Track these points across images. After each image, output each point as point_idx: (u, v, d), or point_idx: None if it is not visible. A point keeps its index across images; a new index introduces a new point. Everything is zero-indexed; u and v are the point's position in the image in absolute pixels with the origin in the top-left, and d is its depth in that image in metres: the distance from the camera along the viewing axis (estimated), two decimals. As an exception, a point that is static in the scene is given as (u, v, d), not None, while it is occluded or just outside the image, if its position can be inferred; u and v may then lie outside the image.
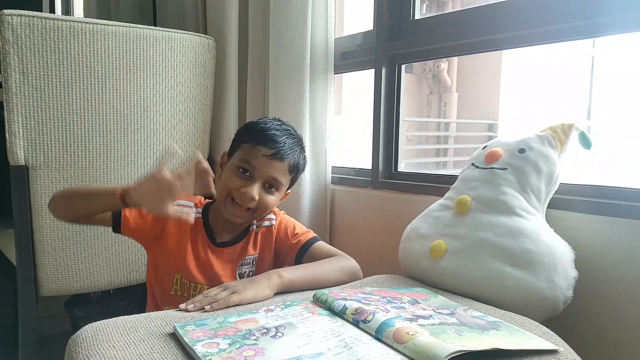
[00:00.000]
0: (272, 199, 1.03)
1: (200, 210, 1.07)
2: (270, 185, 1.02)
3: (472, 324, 0.73)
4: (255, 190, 0.99)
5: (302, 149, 1.08)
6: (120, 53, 1.30)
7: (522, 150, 0.98)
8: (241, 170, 1.00)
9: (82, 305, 1.59)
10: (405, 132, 1.46)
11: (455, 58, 3.91)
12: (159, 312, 0.80)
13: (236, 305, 0.83)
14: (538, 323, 0.79)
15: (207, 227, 1.06)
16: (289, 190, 1.11)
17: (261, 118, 1.10)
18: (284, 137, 1.02)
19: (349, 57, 1.56)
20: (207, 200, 1.11)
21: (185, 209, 1.00)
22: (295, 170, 1.06)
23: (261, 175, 1.00)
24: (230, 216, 1.02)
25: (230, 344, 0.66)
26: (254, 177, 1.00)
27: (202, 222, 1.06)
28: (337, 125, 1.56)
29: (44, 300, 1.35)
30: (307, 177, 1.51)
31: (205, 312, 0.80)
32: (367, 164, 1.52)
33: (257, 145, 1.00)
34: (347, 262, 1.04)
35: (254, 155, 0.99)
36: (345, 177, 1.59)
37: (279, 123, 1.06)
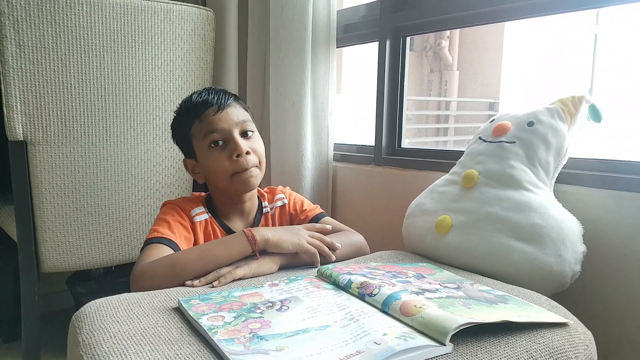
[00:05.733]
0: (258, 142, 1.00)
1: (207, 210, 1.02)
2: (245, 132, 0.98)
3: (480, 297, 0.72)
4: (241, 145, 0.94)
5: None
6: (118, 25, 1.27)
7: (530, 123, 0.96)
8: (213, 145, 0.96)
9: (84, 282, 1.59)
10: (405, 111, 1.44)
11: (457, 35, 3.86)
12: (163, 289, 0.80)
13: (241, 278, 0.83)
14: (547, 297, 0.78)
15: (222, 224, 1.01)
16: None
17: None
18: (210, 91, 0.98)
19: (352, 30, 1.53)
20: (204, 194, 1.06)
21: (203, 215, 1.00)
22: (247, 109, 1.03)
23: (230, 130, 0.95)
24: (243, 186, 0.97)
25: (235, 317, 0.65)
26: (227, 138, 0.95)
27: (216, 222, 1.01)
28: (337, 105, 1.54)
29: (46, 277, 1.34)
30: (308, 154, 1.49)
31: (212, 287, 0.80)
32: (368, 144, 1.50)
33: (201, 115, 0.96)
34: (354, 237, 1.03)
35: (208, 122, 0.95)
36: (347, 154, 1.57)
37: (198, 91, 1.01)
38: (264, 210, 1.08)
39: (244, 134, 0.98)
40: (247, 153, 0.95)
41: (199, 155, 0.99)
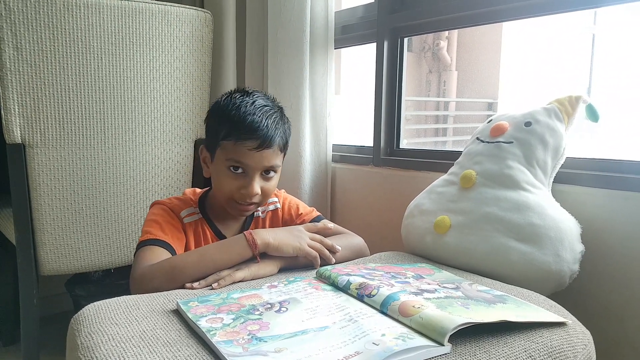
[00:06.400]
0: (273, 183, 0.98)
1: (198, 211, 1.02)
2: (268, 172, 0.96)
3: (479, 297, 0.72)
4: (255, 186, 0.92)
5: (283, 115, 0.98)
6: (116, 27, 1.27)
7: (528, 124, 0.96)
8: (232, 168, 0.93)
9: (83, 284, 1.59)
10: (403, 111, 1.44)
11: (455, 35, 3.87)
12: (162, 291, 0.80)
13: (241, 280, 0.83)
14: (545, 297, 0.79)
15: (213, 226, 1.01)
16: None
17: (227, 96, 0.96)
18: (264, 119, 0.91)
19: (349, 31, 1.53)
20: (199, 191, 1.06)
21: (193, 216, 1.00)
22: (286, 145, 0.99)
23: (255, 169, 0.93)
24: (237, 213, 0.98)
25: (234, 319, 0.65)
26: (248, 173, 0.93)
27: (206, 223, 1.01)
28: (336, 106, 1.54)
29: (44, 279, 1.34)
30: (307, 155, 1.49)
31: (212, 289, 0.80)
32: (366, 145, 1.50)
33: (239, 141, 0.90)
34: (354, 240, 1.03)
35: (240, 152, 0.91)
36: (346, 155, 1.57)
37: (250, 101, 0.93)
38: (255, 214, 1.07)
39: (266, 171, 0.96)
40: (255, 194, 0.94)
41: (215, 161, 0.96)
